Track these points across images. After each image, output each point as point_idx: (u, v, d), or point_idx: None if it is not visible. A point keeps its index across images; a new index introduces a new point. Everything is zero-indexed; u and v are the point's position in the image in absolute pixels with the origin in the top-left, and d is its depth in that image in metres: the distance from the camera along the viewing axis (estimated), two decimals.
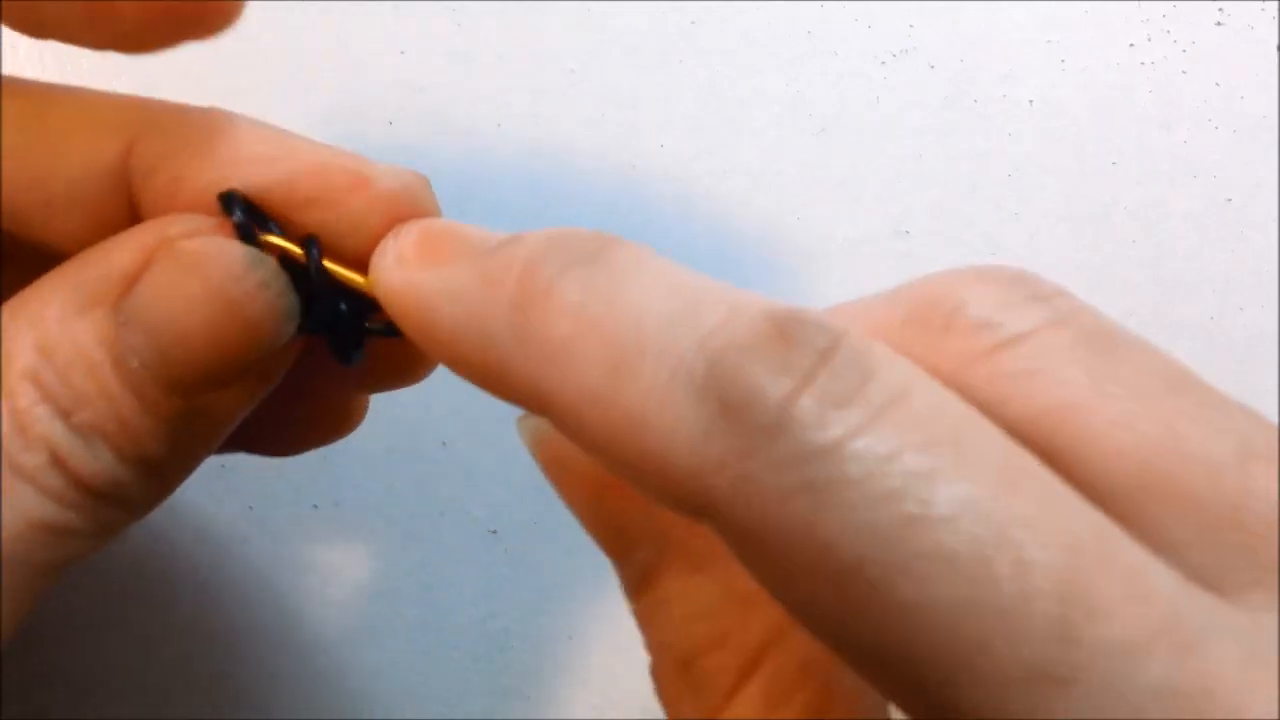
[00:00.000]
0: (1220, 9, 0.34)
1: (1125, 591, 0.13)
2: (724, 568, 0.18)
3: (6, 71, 0.21)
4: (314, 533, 0.31)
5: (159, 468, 0.19)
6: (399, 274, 0.18)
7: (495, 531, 0.31)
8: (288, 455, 0.24)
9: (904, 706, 0.14)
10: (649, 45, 0.34)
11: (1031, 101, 0.34)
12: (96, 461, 0.18)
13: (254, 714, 0.30)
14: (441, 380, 0.21)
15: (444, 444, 0.31)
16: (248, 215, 0.19)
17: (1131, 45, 0.34)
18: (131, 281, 0.18)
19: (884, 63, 0.34)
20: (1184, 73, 0.34)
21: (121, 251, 0.19)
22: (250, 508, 0.30)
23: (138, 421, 0.18)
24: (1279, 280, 0.33)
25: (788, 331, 0.14)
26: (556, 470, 0.20)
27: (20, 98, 0.20)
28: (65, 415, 0.18)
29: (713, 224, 0.33)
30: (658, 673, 0.20)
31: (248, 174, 0.20)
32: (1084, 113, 0.34)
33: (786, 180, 0.33)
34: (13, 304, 0.19)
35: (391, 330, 0.19)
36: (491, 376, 0.17)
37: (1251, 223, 0.33)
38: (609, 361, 0.15)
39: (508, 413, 0.32)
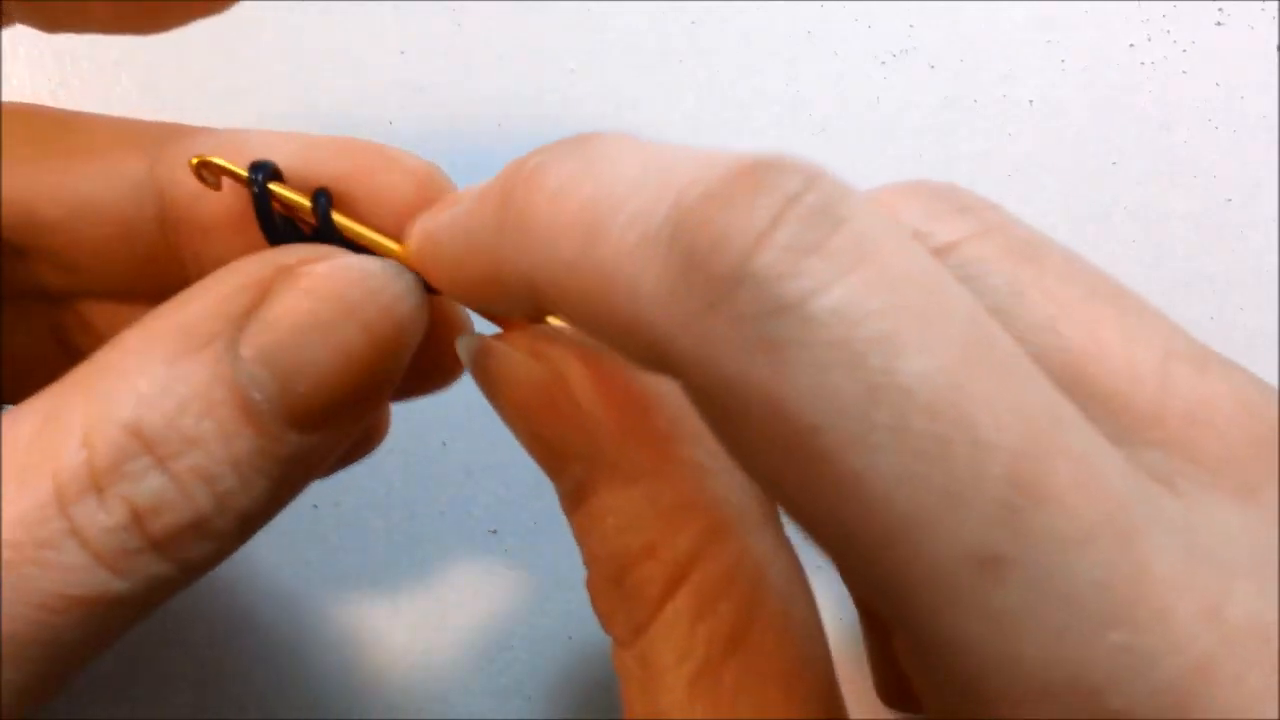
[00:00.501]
0: (1220, 9, 0.34)
1: (1074, 479, 0.12)
2: (654, 481, 0.18)
3: (6, 72, 0.21)
4: (314, 533, 0.31)
5: (254, 515, 0.19)
6: (418, 227, 0.19)
7: (495, 531, 0.31)
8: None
9: (853, 584, 0.14)
10: (649, 45, 0.34)
11: (1031, 101, 0.34)
12: (189, 513, 0.17)
13: (254, 714, 0.30)
14: None
15: (444, 444, 0.31)
16: (268, 179, 0.20)
17: (1131, 45, 0.34)
18: (246, 315, 0.18)
19: (884, 63, 0.34)
20: (1184, 73, 0.34)
21: (229, 287, 0.19)
22: None
23: (254, 462, 0.18)
24: (1279, 280, 0.33)
25: (757, 172, 0.14)
26: (492, 388, 0.20)
27: (48, 118, 0.21)
28: (166, 463, 0.17)
29: None
30: (592, 587, 0.20)
31: (277, 159, 0.20)
32: (1084, 113, 0.34)
33: None
34: (99, 360, 0.18)
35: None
36: (488, 283, 0.17)
37: (1251, 223, 0.33)
38: (582, 229, 0.15)
39: None
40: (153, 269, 0.22)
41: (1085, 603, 0.12)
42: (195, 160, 0.20)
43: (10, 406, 0.18)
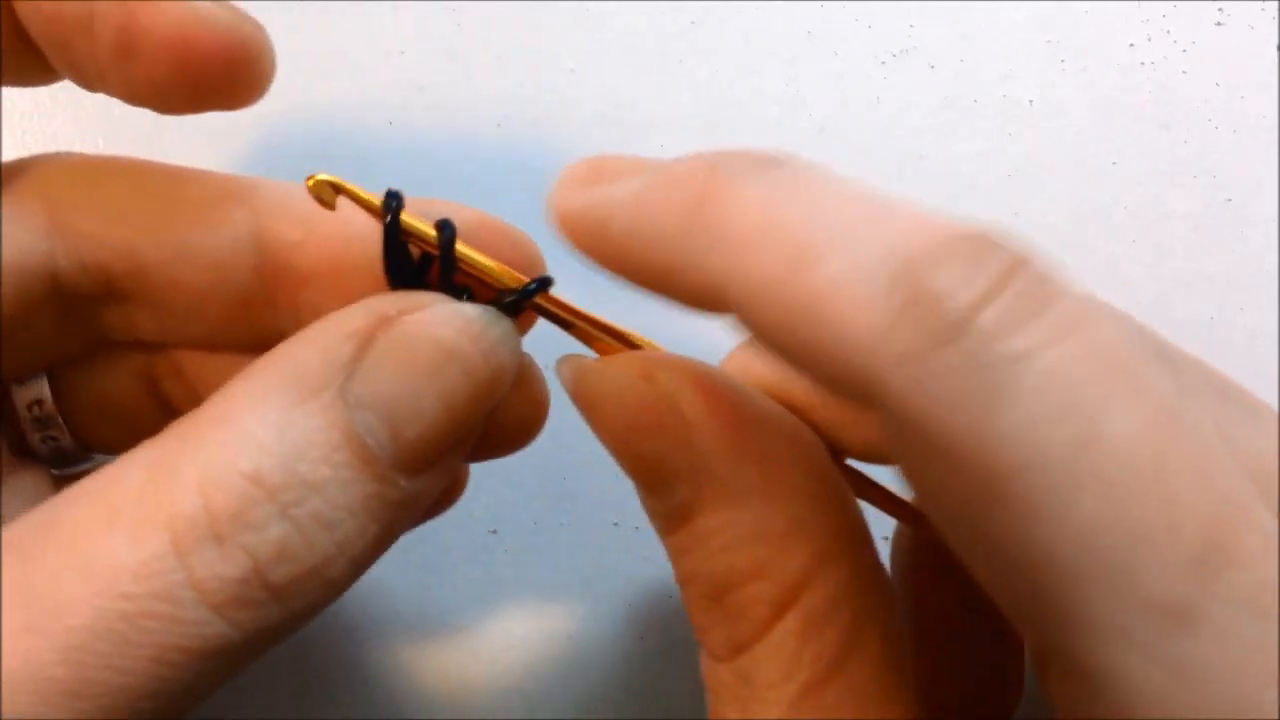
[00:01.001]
0: (1220, 9, 0.34)
1: (1264, 547, 0.13)
2: (764, 503, 0.19)
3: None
4: None
5: (365, 560, 0.19)
6: (575, 195, 0.19)
7: (495, 531, 0.31)
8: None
9: (1019, 618, 0.15)
10: (649, 45, 0.34)
11: (1031, 101, 0.34)
12: (311, 560, 0.18)
13: (254, 714, 0.30)
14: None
15: None
16: (398, 205, 0.20)
17: (1131, 45, 0.34)
18: (354, 362, 0.18)
19: (884, 63, 0.34)
20: (1184, 73, 0.34)
21: (334, 336, 0.19)
22: None
23: (369, 507, 0.18)
24: (1279, 280, 0.33)
25: (980, 245, 0.15)
26: (593, 410, 0.20)
27: (153, 172, 0.22)
28: (288, 510, 0.17)
29: None
30: (689, 603, 0.20)
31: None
32: (1084, 113, 0.34)
33: None
34: (207, 413, 0.18)
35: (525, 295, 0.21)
36: (664, 274, 0.17)
37: (1251, 223, 0.33)
38: (794, 251, 0.15)
39: None
40: (248, 318, 0.22)
41: (1270, 661, 0.13)
42: (317, 179, 0.20)
43: (105, 458, 0.18)
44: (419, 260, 0.21)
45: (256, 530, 0.17)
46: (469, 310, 0.20)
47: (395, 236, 0.20)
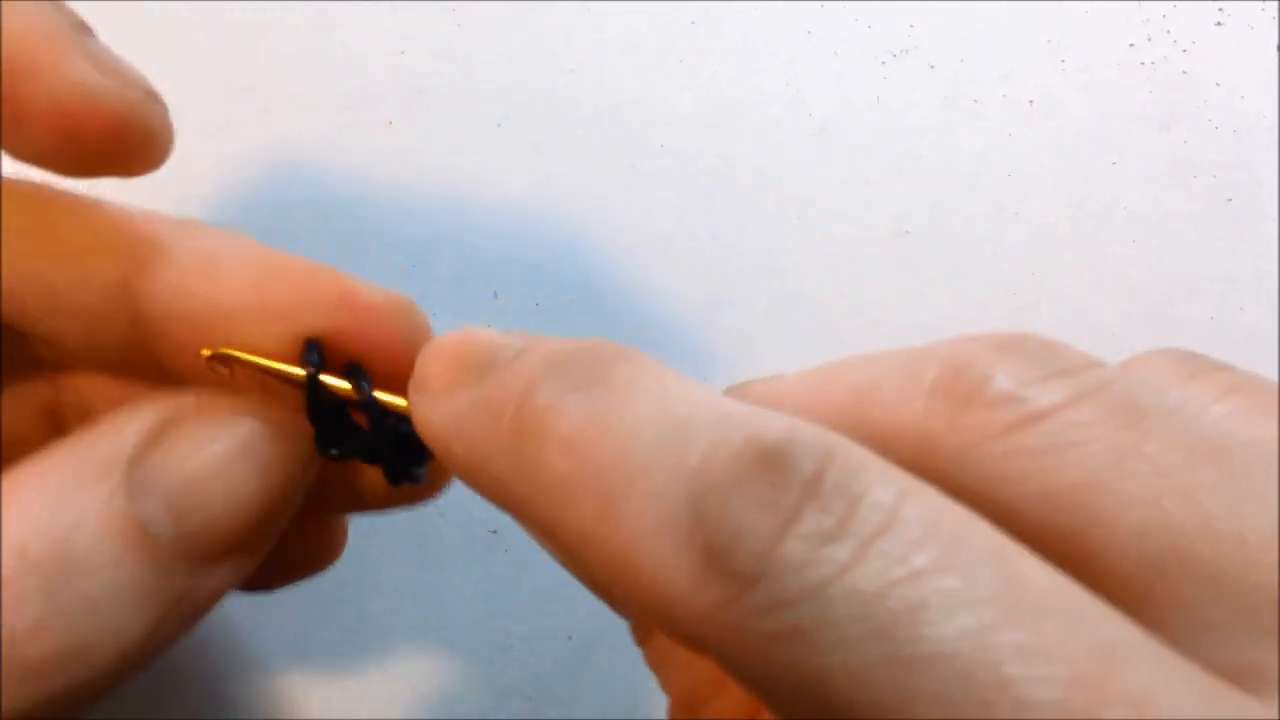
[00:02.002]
0: (1220, 9, 0.34)
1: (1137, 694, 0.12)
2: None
3: None
4: None
5: (135, 649, 0.18)
6: (419, 407, 0.18)
7: (495, 531, 0.31)
8: (265, 591, 0.24)
9: None
10: (649, 45, 0.34)
11: (1031, 101, 0.34)
12: (68, 640, 0.17)
13: (254, 714, 0.30)
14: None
15: None
16: (320, 361, 0.20)
17: (1131, 45, 0.34)
18: (147, 449, 0.18)
19: (884, 63, 0.34)
20: (1184, 73, 0.34)
21: (134, 421, 0.19)
22: None
23: (140, 594, 0.18)
24: (1279, 280, 0.33)
25: (772, 461, 0.14)
26: (669, 671, 0.20)
27: (30, 203, 0.20)
28: (50, 589, 0.17)
29: (713, 224, 0.33)
30: (670, 714, 0.20)
31: (244, 296, 0.20)
32: (1084, 113, 0.34)
33: (786, 180, 0.33)
34: (10, 475, 0.18)
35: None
36: (510, 508, 0.17)
37: (1251, 223, 0.33)
38: (600, 499, 0.15)
39: None
40: (137, 356, 0.21)
41: None
42: (208, 353, 0.20)
43: None
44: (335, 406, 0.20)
45: (16, 602, 0.17)
46: (268, 413, 0.19)
47: (319, 408, 0.20)
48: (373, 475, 0.22)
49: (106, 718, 0.29)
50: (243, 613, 0.30)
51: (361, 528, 0.31)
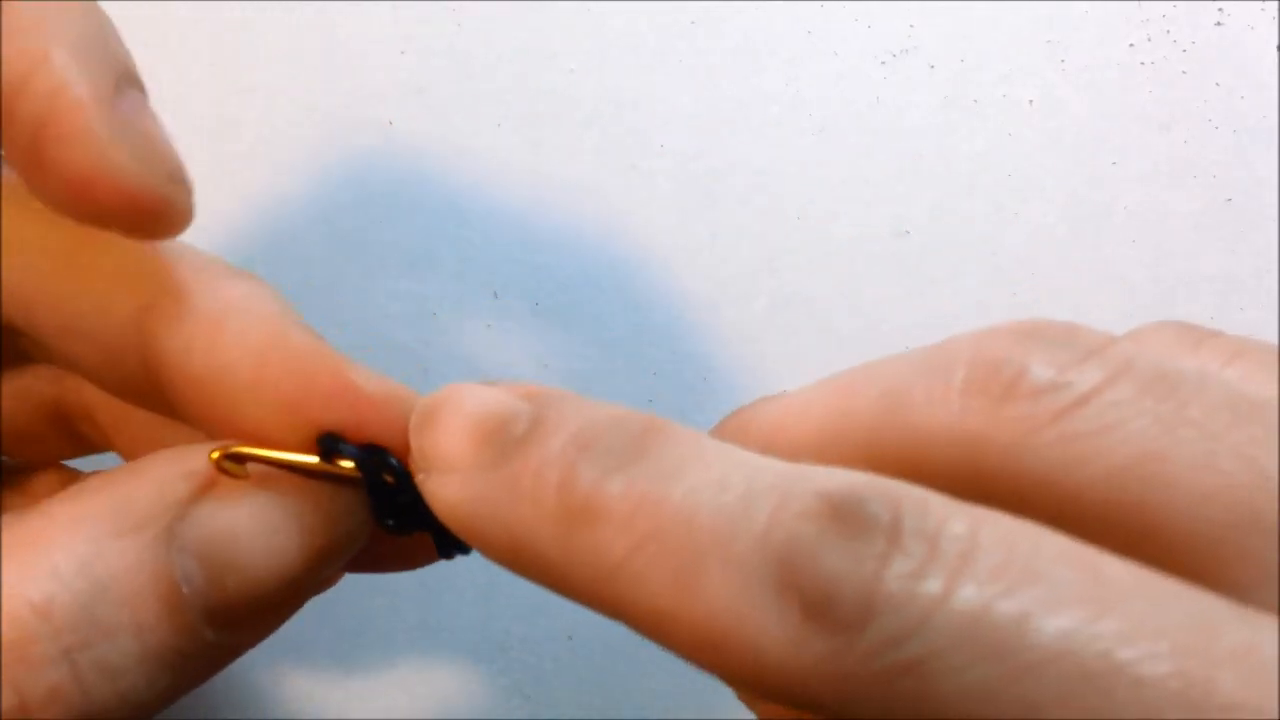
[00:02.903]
0: (1220, 9, 0.34)
1: (1240, 676, 0.13)
2: None
3: None
4: None
5: (148, 707, 0.17)
6: (436, 488, 0.17)
7: None
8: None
9: None
10: (649, 45, 0.34)
11: (1031, 101, 0.34)
12: (84, 707, 0.16)
13: (254, 714, 0.30)
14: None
15: None
16: (336, 449, 0.19)
17: (1131, 45, 0.34)
18: (187, 504, 0.18)
19: (884, 63, 0.34)
20: (1184, 73, 0.34)
21: (173, 472, 0.18)
22: None
23: (164, 657, 0.17)
24: (1279, 280, 0.33)
25: (849, 512, 0.14)
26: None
27: (59, 226, 0.19)
28: (72, 654, 0.16)
29: (713, 224, 0.33)
30: None
31: (245, 376, 0.19)
32: (1084, 113, 0.34)
33: (786, 180, 0.33)
34: (26, 529, 0.17)
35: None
36: (562, 590, 0.16)
37: (1251, 223, 0.33)
38: (672, 575, 0.15)
39: None
40: (147, 390, 0.20)
41: None
42: (217, 455, 0.18)
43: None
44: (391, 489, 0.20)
45: (32, 668, 0.16)
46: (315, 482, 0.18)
47: (382, 494, 0.19)
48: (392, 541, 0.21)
49: None
50: None
51: None
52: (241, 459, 0.18)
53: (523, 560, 0.16)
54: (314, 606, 0.30)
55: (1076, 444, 0.15)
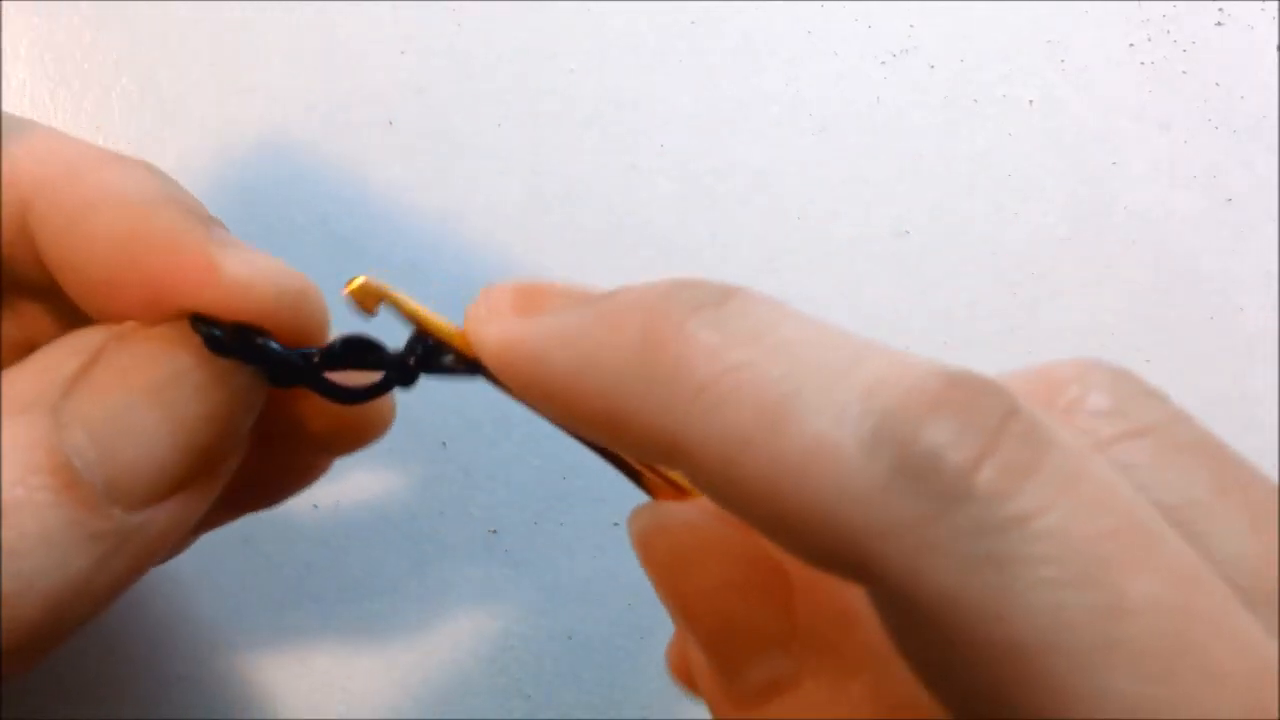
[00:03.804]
0: (1220, 9, 0.34)
1: None
2: (878, 675, 0.17)
3: (7, 72, 0.20)
4: (313, 533, 0.31)
5: (71, 597, 0.17)
6: (499, 326, 0.17)
7: (495, 531, 0.31)
8: (246, 514, 0.23)
9: None
10: (649, 45, 0.34)
11: (1031, 101, 0.34)
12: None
13: (254, 714, 0.30)
14: (441, 380, 0.21)
15: (444, 444, 0.31)
16: (216, 331, 0.19)
17: (1131, 45, 0.34)
18: (75, 381, 0.17)
19: (884, 63, 0.34)
20: (1184, 73, 0.34)
21: (59, 354, 0.18)
22: None
23: (70, 537, 0.17)
24: (1279, 280, 0.33)
25: (963, 392, 0.13)
26: (672, 566, 0.19)
27: None
28: None
29: (713, 224, 0.33)
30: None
31: (114, 268, 0.18)
32: (1084, 113, 0.34)
33: (786, 180, 0.33)
34: None
35: (471, 368, 0.19)
36: (614, 424, 0.16)
37: (1251, 223, 0.33)
38: (762, 406, 0.14)
39: (508, 413, 0.32)
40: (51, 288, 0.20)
41: None
42: (359, 284, 0.19)
43: None
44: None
45: None
46: (185, 344, 0.18)
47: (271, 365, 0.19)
48: (319, 416, 0.21)
49: (105, 717, 0.29)
50: (242, 612, 0.30)
51: (361, 528, 0.31)
52: (379, 297, 0.19)
53: (589, 394, 0.16)
54: (314, 606, 0.30)
55: (1133, 471, 0.15)
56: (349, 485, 0.31)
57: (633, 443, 0.16)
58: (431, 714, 0.30)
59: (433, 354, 0.19)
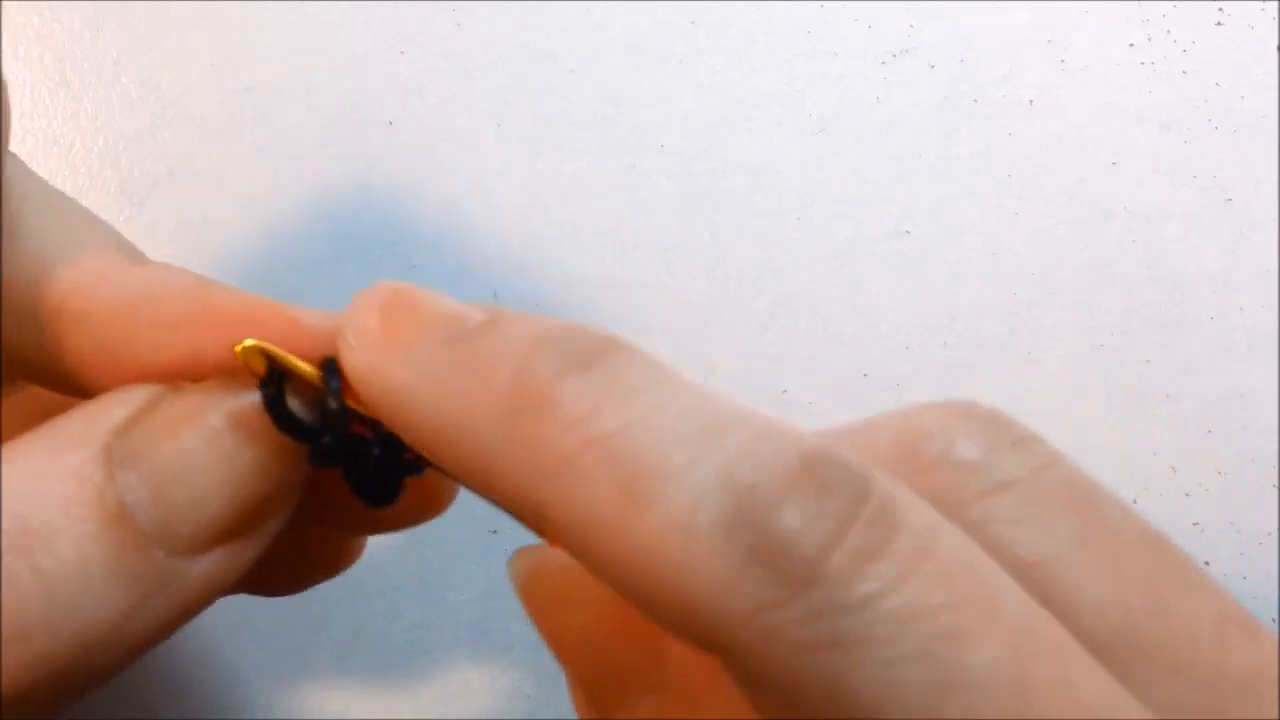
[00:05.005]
0: (1220, 9, 0.34)
1: None
2: (725, 708, 0.17)
3: (7, 72, 0.20)
4: None
5: (102, 639, 0.17)
6: (362, 355, 0.17)
7: (495, 531, 0.31)
8: (274, 596, 0.23)
9: None
10: (649, 45, 0.34)
11: (1031, 101, 0.34)
12: (18, 616, 0.16)
13: (254, 714, 0.30)
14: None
15: None
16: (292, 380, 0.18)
17: (1131, 45, 0.34)
18: (128, 425, 0.17)
19: (884, 63, 0.34)
20: (1184, 73, 0.34)
21: (114, 398, 0.18)
22: None
23: (109, 572, 0.16)
24: (1279, 280, 0.33)
25: (818, 472, 0.14)
26: (552, 609, 0.19)
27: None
28: (7, 565, 0.16)
29: (713, 224, 0.33)
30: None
31: (180, 334, 0.18)
32: (1084, 113, 0.34)
33: (786, 180, 0.33)
34: None
35: (420, 465, 0.18)
36: (479, 480, 0.16)
37: (1251, 223, 0.33)
38: (621, 483, 0.14)
39: None
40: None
41: None
42: (244, 347, 0.18)
43: None
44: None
45: None
46: (244, 394, 0.18)
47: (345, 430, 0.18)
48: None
49: (105, 717, 0.29)
50: (242, 613, 0.30)
51: None
52: (266, 356, 0.18)
53: (453, 446, 0.16)
54: (314, 607, 0.30)
55: (994, 528, 0.15)
56: None
57: (499, 501, 0.16)
58: (431, 714, 0.30)
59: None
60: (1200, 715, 0.14)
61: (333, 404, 0.17)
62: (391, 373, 0.16)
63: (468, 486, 0.17)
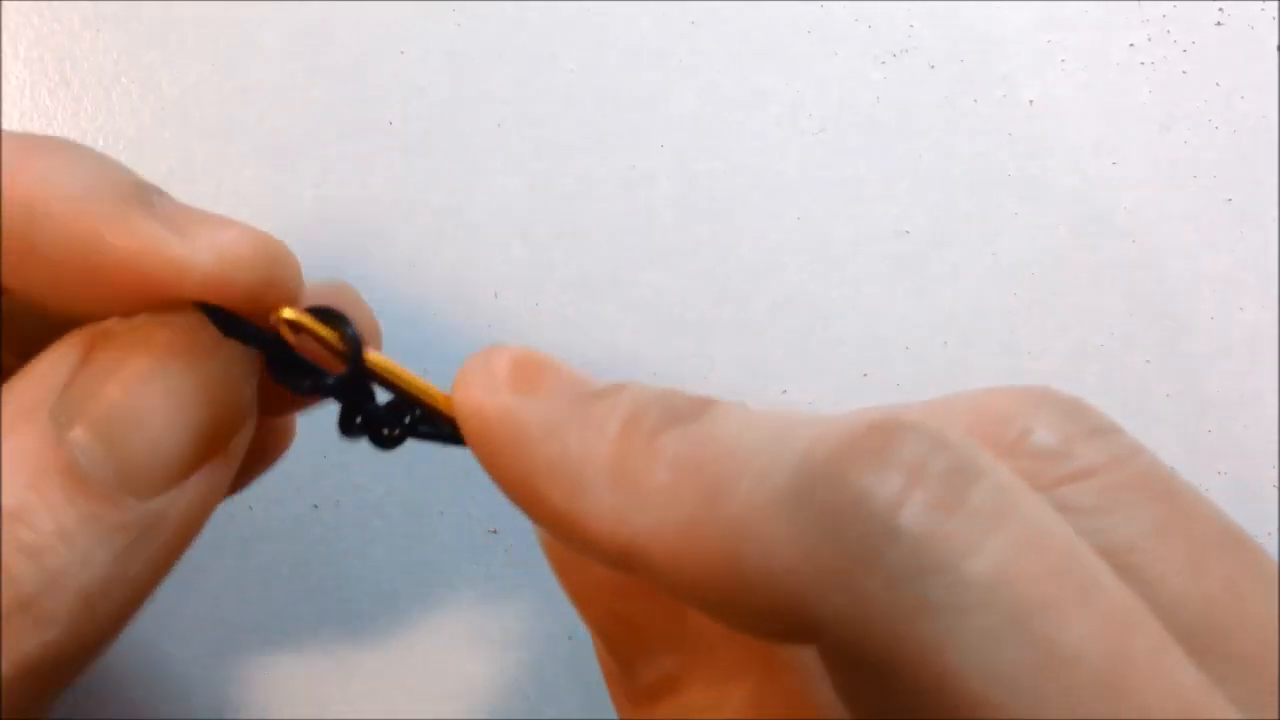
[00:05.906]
0: (1220, 9, 0.34)
1: None
2: (756, 679, 0.17)
3: (6, 72, 0.20)
4: (313, 533, 0.31)
5: (102, 591, 0.17)
6: (491, 397, 0.18)
7: (495, 531, 0.31)
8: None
9: None
10: (649, 45, 0.34)
11: (1031, 101, 0.34)
12: (14, 590, 0.16)
13: (254, 714, 0.30)
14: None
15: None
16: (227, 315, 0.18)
17: (1131, 45, 0.34)
18: (69, 383, 0.17)
19: (884, 63, 0.34)
20: (1184, 73, 0.34)
21: (51, 359, 0.18)
22: (250, 508, 0.30)
23: (88, 532, 0.17)
24: (1279, 280, 0.33)
25: (886, 430, 0.14)
26: (567, 568, 0.19)
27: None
28: None
29: (713, 224, 0.33)
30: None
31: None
32: (1084, 113, 0.34)
33: (786, 180, 0.33)
34: None
35: (447, 438, 0.19)
36: (566, 521, 0.16)
37: (1251, 223, 0.33)
38: (703, 492, 0.14)
39: None
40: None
41: None
42: (280, 316, 0.18)
43: None
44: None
45: None
46: (190, 316, 0.18)
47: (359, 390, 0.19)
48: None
49: (105, 717, 0.29)
50: (241, 611, 0.30)
51: (362, 527, 0.31)
52: (295, 328, 0.19)
53: (554, 482, 0.16)
54: (313, 606, 0.30)
55: (1072, 515, 0.15)
56: (349, 485, 0.31)
57: (576, 540, 0.16)
58: (431, 714, 0.30)
59: (416, 423, 0.20)
60: (1274, 717, 0.14)
61: (354, 359, 0.19)
62: (519, 413, 0.17)
63: (545, 523, 0.17)
